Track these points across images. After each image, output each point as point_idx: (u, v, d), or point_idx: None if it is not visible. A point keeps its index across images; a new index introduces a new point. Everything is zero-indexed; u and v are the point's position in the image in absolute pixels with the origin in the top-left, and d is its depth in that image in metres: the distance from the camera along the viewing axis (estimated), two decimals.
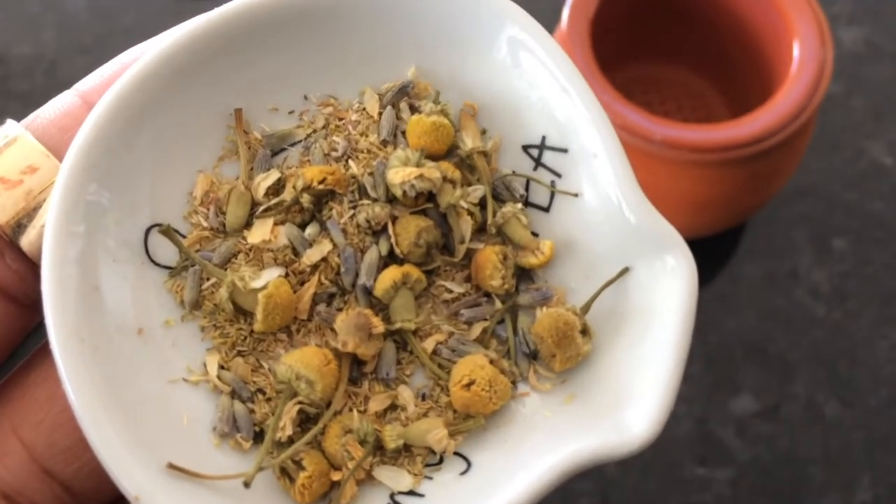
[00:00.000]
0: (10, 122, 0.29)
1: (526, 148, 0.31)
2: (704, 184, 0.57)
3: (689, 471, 0.60)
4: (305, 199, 0.30)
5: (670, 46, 0.67)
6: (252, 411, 0.29)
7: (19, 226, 0.28)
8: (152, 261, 0.30)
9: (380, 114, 0.31)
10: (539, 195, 0.31)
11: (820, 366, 0.62)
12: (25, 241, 0.28)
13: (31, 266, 0.29)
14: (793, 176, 0.61)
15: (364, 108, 0.32)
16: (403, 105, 0.32)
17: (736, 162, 0.55)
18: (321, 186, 0.30)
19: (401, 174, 0.29)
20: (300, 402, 0.28)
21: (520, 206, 0.31)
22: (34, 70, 0.70)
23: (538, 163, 0.31)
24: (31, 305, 0.29)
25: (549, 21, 0.48)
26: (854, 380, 0.61)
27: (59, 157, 0.29)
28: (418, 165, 0.29)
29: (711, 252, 0.65)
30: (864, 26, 0.71)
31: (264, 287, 0.29)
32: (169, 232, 0.29)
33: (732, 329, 0.63)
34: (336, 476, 0.28)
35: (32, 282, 0.29)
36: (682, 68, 0.68)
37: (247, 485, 0.27)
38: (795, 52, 0.56)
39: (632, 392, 0.28)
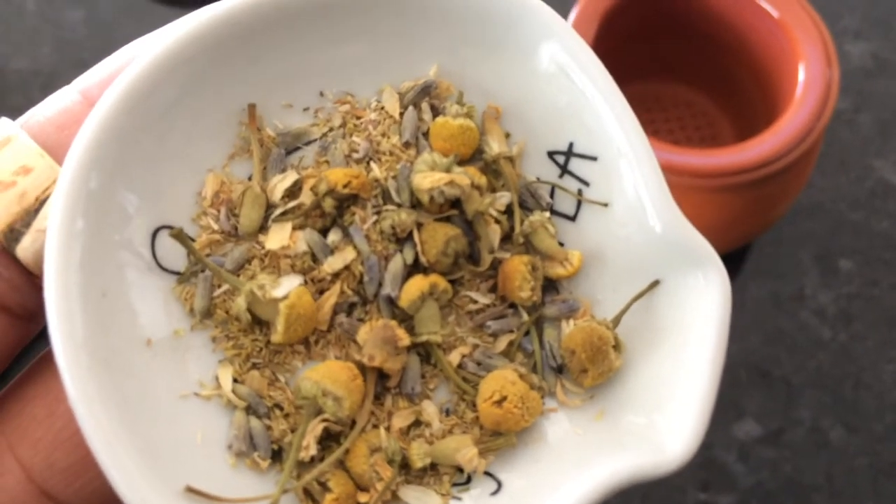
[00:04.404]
0: (4, 119, 0.28)
1: (552, 154, 0.31)
2: (707, 209, 0.57)
3: (692, 497, 0.59)
4: (328, 204, 0.29)
5: (675, 65, 0.67)
6: (269, 428, 0.28)
7: (12, 231, 0.27)
8: (160, 266, 0.29)
9: (401, 114, 0.31)
10: (565, 203, 0.31)
11: (825, 390, 0.62)
12: (20, 248, 0.27)
13: (26, 275, 0.27)
14: (798, 195, 0.60)
15: (383, 107, 0.31)
16: (425, 105, 0.31)
17: (740, 187, 0.56)
18: (346, 190, 0.29)
19: (429, 179, 0.29)
20: (325, 420, 0.27)
21: (547, 214, 0.30)
22: (31, 85, 0.70)
23: (564, 170, 0.31)
24: (26, 317, 0.28)
25: None
26: (859, 405, 0.61)
27: (57, 157, 0.27)
28: (447, 171, 0.29)
29: None
30: (872, 41, 0.71)
31: (285, 297, 0.28)
32: (181, 236, 0.28)
33: (736, 351, 0.62)
34: (363, 498, 0.27)
35: (28, 291, 0.27)
36: (686, 87, 0.69)
37: None
38: (801, 73, 0.57)
39: (666, 410, 0.27)
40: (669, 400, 0.27)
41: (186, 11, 0.28)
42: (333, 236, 0.29)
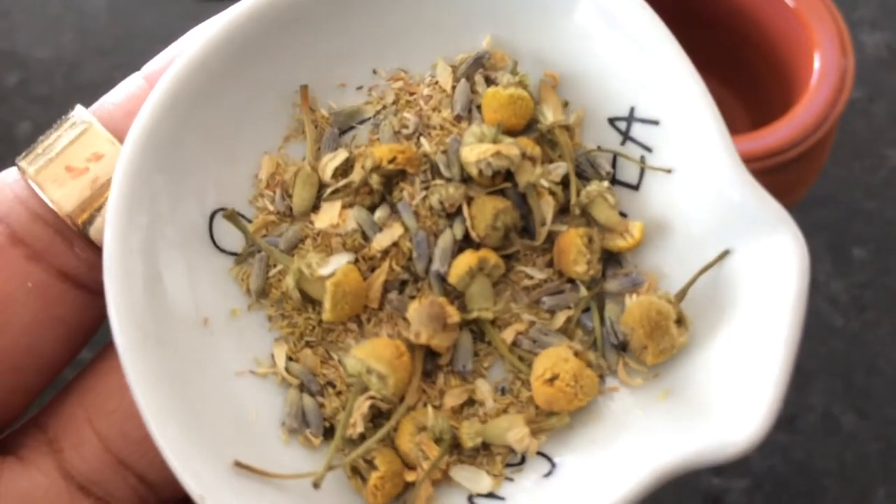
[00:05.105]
0: (79, 108, 0.29)
1: (612, 121, 0.29)
2: None
3: (705, 481, 0.59)
4: (374, 181, 0.28)
5: (689, 53, 0.66)
6: (322, 405, 0.28)
7: (91, 218, 0.28)
8: (217, 247, 0.28)
9: (453, 87, 0.29)
10: (628, 172, 0.29)
11: (837, 377, 0.61)
12: (93, 230, 0.28)
13: (101, 254, 0.28)
14: (813, 183, 0.60)
15: (436, 82, 0.30)
16: (479, 77, 0.29)
17: (754, 175, 0.54)
18: (391, 166, 0.28)
19: (476, 151, 0.27)
20: (371, 398, 0.26)
21: (606, 184, 0.28)
22: (54, 73, 0.70)
23: (626, 136, 0.29)
24: (102, 293, 0.28)
25: None
26: (871, 391, 0.61)
27: None
28: (495, 141, 0.27)
29: None
30: (887, 31, 0.70)
31: (332, 274, 0.27)
32: (233, 216, 0.28)
33: None
34: (410, 476, 0.27)
35: (102, 269, 0.28)
36: (701, 75, 0.67)
37: (316, 485, 0.25)
38: (816, 62, 0.56)
39: (735, 389, 0.25)
40: (739, 379, 0.25)
41: (209, 1, 0.28)
42: (381, 213, 0.28)
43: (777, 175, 0.56)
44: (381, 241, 0.28)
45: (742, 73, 0.66)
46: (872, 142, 0.68)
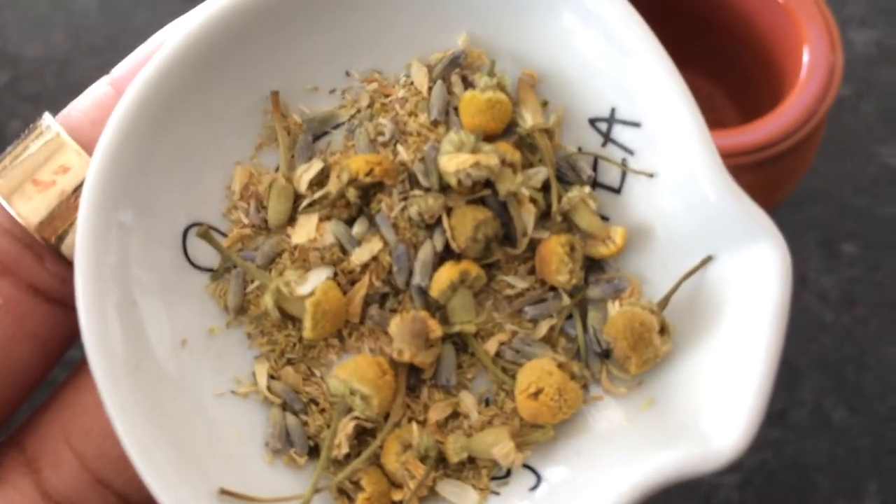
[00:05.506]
0: (47, 116, 0.28)
1: (593, 121, 0.28)
2: None
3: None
4: (351, 194, 0.27)
5: (678, 49, 0.65)
6: (305, 424, 0.27)
7: (63, 234, 0.27)
8: (192, 264, 0.28)
9: (429, 89, 0.28)
10: (609, 174, 0.28)
11: (827, 372, 0.61)
12: (65, 246, 0.27)
13: (72, 268, 0.27)
14: (802, 180, 0.59)
15: (412, 83, 0.29)
16: (455, 78, 0.28)
17: (743, 168, 0.55)
18: (368, 179, 0.27)
19: (455, 162, 0.26)
20: (356, 418, 0.26)
21: (587, 189, 0.28)
22: (44, 72, 0.70)
23: (607, 138, 0.28)
24: (75, 307, 0.28)
25: None
26: (862, 386, 0.60)
27: (92, 152, 0.27)
28: (474, 150, 0.26)
29: None
30: (877, 28, 0.70)
31: (311, 293, 0.26)
32: (207, 234, 0.27)
33: None
34: (397, 495, 0.26)
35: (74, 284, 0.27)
36: (689, 72, 0.66)
37: None
38: (805, 57, 0.55)
39: (718, 400, 0.25)
40: (721, 389, 0.25)
41: (200, 1, 0.27)
42: (359, 227, 0.27)
43: (766, 169, 0.56)
44: (360, 256, 0.27)
45: (731, 69, 0.65)
46: (862, 139, 0.67)
